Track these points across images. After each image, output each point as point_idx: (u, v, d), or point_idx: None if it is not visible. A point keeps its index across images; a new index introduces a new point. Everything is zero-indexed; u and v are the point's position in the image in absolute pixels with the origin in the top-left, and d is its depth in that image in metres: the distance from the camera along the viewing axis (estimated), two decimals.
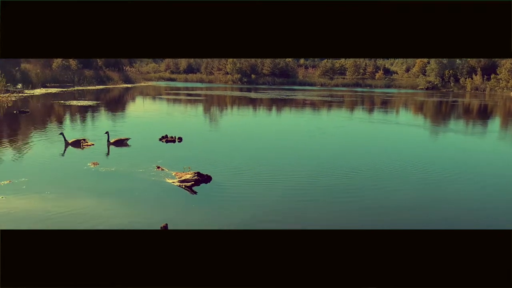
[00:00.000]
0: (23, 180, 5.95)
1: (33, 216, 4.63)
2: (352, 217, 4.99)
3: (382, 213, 5.16)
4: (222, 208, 5.20)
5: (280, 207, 5.26)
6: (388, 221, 4.85)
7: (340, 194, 5.91)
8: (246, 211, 5.07)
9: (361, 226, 4.60)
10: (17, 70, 27.27)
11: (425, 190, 6.25)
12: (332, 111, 20.51)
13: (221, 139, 11.08)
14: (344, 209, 5.25)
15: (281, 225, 4.58)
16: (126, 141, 9.21)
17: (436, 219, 5.00)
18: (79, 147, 8.70)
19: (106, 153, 8.27)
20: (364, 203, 5.52)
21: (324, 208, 5.27)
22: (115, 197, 5.51)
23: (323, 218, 4.91)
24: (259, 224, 4.63)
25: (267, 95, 30.42)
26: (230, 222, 4.70)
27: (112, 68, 40.46)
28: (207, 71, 56.18)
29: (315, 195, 5.79)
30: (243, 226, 4.51)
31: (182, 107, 20.36)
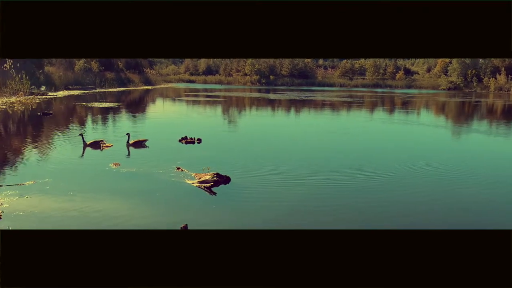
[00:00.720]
0: (46, 180, 6.08)
1: (55, 216, 4.72)
2: (362, 217, 4.93)
3: (387, 213, 5.08)
4: (241, 209, 5.20)
5: (300, 208, 5.23)
6: (396, 222, 4.77)
7: (357, 195, 5.85)
8: (265, 212, 5.06)
9: (364, 226, 4.55)
10: (40, 73, 27.90)
11: (442, 192, 6.13)
12: (352, 112, 20.33)
13: (240, 140, 11.10)
14: (358, 210, 5.19)
15: (301, 226, 4.56)
16: (144, 143, 9.31)
17: (449, 220, 4.91)
18: (98, 148, 8.83)
19: (127, 154, 8.38)
20: (376, 204, 5.45)
21: (343, 210, 5.22)
22: (136, 197, 5.58)
23: (342, 219, 4.87)
24: (278, 225, 4.62)
25: (286, 96, 30.36)
26: (248, 223, 4.71)
27: (133, 70, 41.05)
28: (225, 72, 56.46)
29: (334, 197, 5.74)
30: (262, 227, 4.50)
31: (201, 108, 20.49)
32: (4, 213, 4.66)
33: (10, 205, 4.93)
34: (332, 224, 4.69)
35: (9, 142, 9.68)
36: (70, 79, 31.09)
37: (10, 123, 13.02)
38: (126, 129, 12.11)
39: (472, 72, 46.28)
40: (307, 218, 4.88)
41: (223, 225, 4.62)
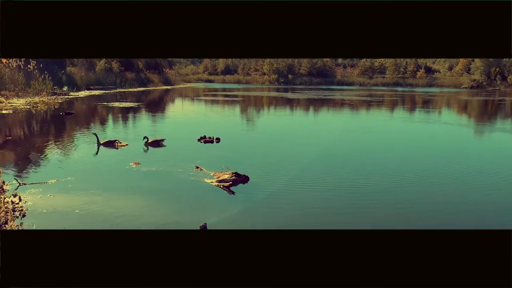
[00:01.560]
0: (69, 179, 6.20)
1: (77, 213, 4.81)
2: (380, 217, 4.87)
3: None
4: (258, 208, 5.20)
5: (319, 208, 5.21)
6: (414, 223, 4.70)
7: (376, 195, 5.78)
8: (283, 212, 5.05)
9: (383, 226, 4.49)
10: (63, 73, 28.46)
11: (457, 192, 6.02)
12: (372, 111, 20.12)
13: (258, 140, 11.11)
14: (374, 210, 5.14)
15: (319, 227, 4.54)
16: (162, 142, 9.38)
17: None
18: (112, 147, 8.95)
19: (146, 153, 8.47)
20: (389, 204, 5.38)
21: (362, 210, 5.17)
22: (156, 196, 5.63)
23: (361, 219, 4.83)
24: (296, 225, 4.61)
25: (304, 95, 30.24)
26: (266, 222, 4.70)
27: (153, 70, 41.50)
28: (244, 72, 56.58)
29: (354, 197, 5.69)
30: (279, 227, 4.49)
31: (220, 108, 20.58)
32: (29, 210, 4.77)
33: (34, 203, 5.04)
34: (351, 225, 4.65)
35: (32, 141, 9.90)
36: (91, 79, 31.63)
37: (33, 122, 13.31)
38: (146, 128, 12.26)
39: (495, 70, 45.22)
40: (326, 219, 4.85)
41: (241, 225, 4.62)
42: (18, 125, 12.56)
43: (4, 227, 4.15)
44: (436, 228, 3.59)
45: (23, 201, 5.02)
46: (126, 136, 10.55)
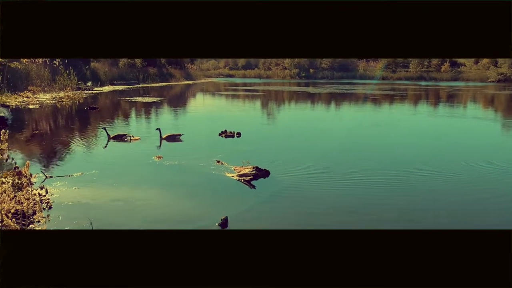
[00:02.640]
0: (93, 172, 6.32)
1: (101, 206, 4.91)
2: (404, 217, 4.81)
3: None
4: (279, 204, 5.20)
5: (340, 206, 5.17)
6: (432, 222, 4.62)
7: (400, 193, 5.71)
8: (303, 208, 5.04)
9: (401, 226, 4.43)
10: (87, 69, 28.98)
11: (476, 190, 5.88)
12: (395, 105, 19.82)
13: (279, 134, 11.09)
14: (394, 210, 5.07)
15: (340, 226, 4.52)
16: (178, 137, 9.44)
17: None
18: (122, 141, 9.09)
19: (169, 147, 8.55)
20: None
21: (385, 209, 5.11)
22: (177, 189, 5.70)
23: (382, 219, 4.77)
24: (316, 224, 4.59)
25: (326, 89, 30.00)
26: (286, 219, 4.70)
27: (174, 65, 41.84)
28: (265, 66, 56.46)
29: (378, 195, 5.63)
30: (300, 225, 4.49)
31: (241, 102, 20.62)
32: (55, 202, 4.89)
33: (60, 195, 5.17)
34: (373, 224, 4.61)
35: (58, 135, 10.14)
36: (114, 75, 32.12)
37: (59, 117, 13.62)
38: (167, 122, 12.40)
39: None
40: (347, 218, 4.81)
41: (262, 220, 4.64)
42: (44, 119, 12.88)
43: (32, 218, 4.27)
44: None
45: (49, 193, 5.15)
46: (148, 130, 10.68)
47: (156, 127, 9.53)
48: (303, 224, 4.47)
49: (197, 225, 4.37)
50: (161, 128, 9.48)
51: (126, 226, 4.27)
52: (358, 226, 4.37)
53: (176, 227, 4.29)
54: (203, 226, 4.34)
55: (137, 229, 4.08)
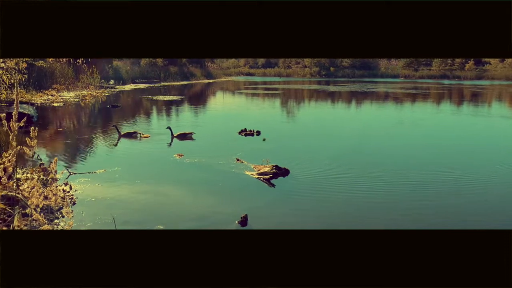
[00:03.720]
0: (116, 169, 6.44)
1: (124, 202, 5.00)
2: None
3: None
4: (299, 203, 5.20)
5: (361, 205, 5.14)
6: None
7: (417, 194, 5.64)
8: (323, 207, 5.03)
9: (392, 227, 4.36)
10: (109, 67, 29.46)
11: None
12: (417, 104, 19.51)
13: (299, 133, 11.06)
14: (411, 210, 5.01)
15: (358, 226, 4.49)
16: (190, 135, 9.48)
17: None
18: (132, 138, 9.22)
19: (189, 145, 8.63)
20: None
21: (404, 210, 5.06)
22: (197, 187, 5.76)
23: (405, 219, 4.73)
24: (335, 224, 4.57)
25: (347, 88, 29.75)
26: (305, 217, 4.70)
27: (195, 64, 42.11)
28: (285, 65, 56.26)
29: (397, 196, 5.57)
30: (319, 225, 4.48)
31: (260, 101, 20.63)
32: (78, 199, 5.00)
33: (83, 192, 5.28)
34: (393, 224, 4.57)
35: (81, 133, 10.35)
36: (136, 73, 32.54)
37: (82, 115, 13.90)
38: (187, 120, 12.51)
39: None
40: (367, 217, 4.78)
41: (281, 218, 4.65)
42: (68, 117, 13.16)
43: (57, 214, 4.39)
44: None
45: (73, 190, 5.27)
46: (176, 128, 10.80)
47: (167, 126, 9.61)
48: (323, 223, 4.46)
49: (217, 223, 4.41)
50: (180, 126, 9.58)
51: (148, 223, 4.34)
52: (376, 227, 4.33)
53: (197, 224, 4.34)
54: (223, 224, 4.38)
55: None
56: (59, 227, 4.09)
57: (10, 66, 7.79)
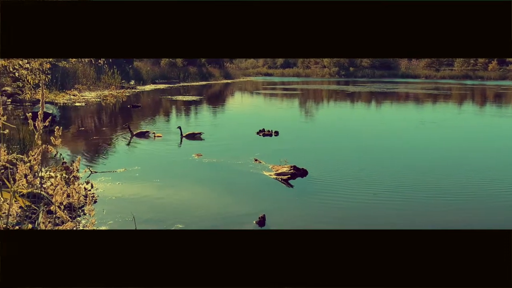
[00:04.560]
0: (136, 168, 6.53)
1: (143, 201, 5.07)
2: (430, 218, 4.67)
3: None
4: (317, 204, 5.18)
5: (378, 207, 5.09)
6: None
7: (446, 197, 5.55)
8: (341, 209, 5.00)
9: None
10: (130, 68, 29.88)
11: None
12: (438, 104, 19.20)
13: (317, 133, 11.02)
14: (427, 211, 4.93)
15: (377, 227, 4.45)
16: (199, 135, 9.52)
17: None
18: (144, 138, 9.34)
19: (208, 145, 8.69)
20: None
21: (423, 210, 5.00)
22: (216, 186, 5.80)
23: (425, 220, 4.67)
24: (353, 224, 4.55)
25: (366, 88, 29.48)
26: (324, 220, 4.68)
27: (214, 64, 42.36)
28: (303, 65, 56.09)
29: (420, 197, 5.50)
30: (337, 226, 4.46)
31: (279, 101, 20.62)
32: (99, 197, 5.10)
33: (104, 190, 5.38)
34: (411, 224, 4.52)
35: (102, 132, 10.53)
36: (156, 74, 32.92)
37: (103, 114, 14.14)
38: (206, 120, 12.60)
39: None
40: (385, 218, 4.74)
41: (298, 219, 4.65)
42: (89, 117, 13.40)
43: (79, 212, 4.48)
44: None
45: (95, 188, 5.37)
46: (187, 127, 10.89)
47: (177, 126, 9.67)
48: (341, 224, 4.43)
49: (235, 222, 4.43)
50: (198, 126, 9.64)
51: (167, 222, 4.39)
52: (390, 227, 4.29)
53: (215, 224, 4.37)
54: (241, 223, 4.40)
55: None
56: (80, 225, 4.18)
57: (35, 67, 7.98)
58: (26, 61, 7.57)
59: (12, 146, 5.72)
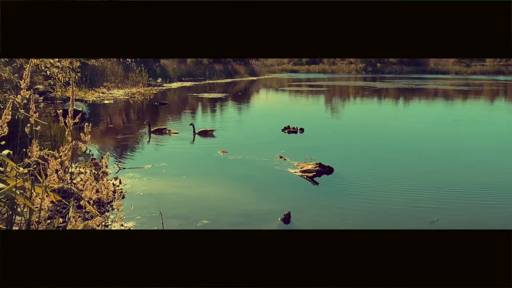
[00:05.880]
0: (162, 164, 6.63)
1: (169, 197, 5.14)
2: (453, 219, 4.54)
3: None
4: (342, 202, 5.13)
5: (404, 207, 5.00)
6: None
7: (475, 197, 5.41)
8: (368, 208, 4.94)
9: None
10: (157, 66, 30.28)
11: None
12: (469, 101, 18.68)
13: (344, 131, 10.91)
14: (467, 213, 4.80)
15: (401, 227, 4.38)
16: (210, 132, 9.54)
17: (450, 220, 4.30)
18: (161, 134, 9.47)
19: (234, 142, 8.72)
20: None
21: (451, 212, 4.88)
22: (241, 183, 5.82)
23: (454, 221, 4.56)
24: (378, 223, 4.49)
25: (394, 84, 28.95)
26: (349, 218, 4.63)
27: (239, 62, 42.46)
28: (330, 61, 55.55)
29: (449, 199, 5.38)
30: (363, 225, 4.42)
31: (304, 98, 20.50)
32: (127, 192, 5.20)
33: (132, 186, 5.48)
34: (440, 226, 4.42)
35: (130, 129, 10.72)
36: (183, 71, 33.25)
37: (131, 112, 14.39)
38: (231, 117, 12.65)
39: None
40: (412, 219, 4.65)
41: (323, 217, 4.62)
42: (117, 114, 13.67)
43: (108, 207, 4.58)
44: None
45: (123, 184, 5.48)
46: (213, 124, 10.96)
47: (190, 123, 9.71)
48: (367, 224, 4.38)
49: (260, 219, 4.44)
50: (223, 122, 9.68)
51: (193, 218, 4.44)
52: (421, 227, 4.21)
53: (240, 220, 4.39)
54: (266, 220, 4.40)
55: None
56: (109, 220, 4.27)
57: (65, 65, 8.19)
58: (57, 59, 7.76)
59: (43, 142, 5.89)
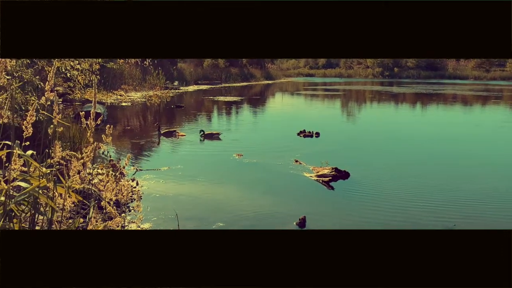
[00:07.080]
0: (179, 166, 6.69)
1: (185, 199, 5.19)
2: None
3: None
4: (358, 207, 5.11)
5: (424, 212, 4.96)
6: None
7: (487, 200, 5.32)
8: (384, 213, 4.90)
9: None
10: (174, 69, 30.56)
11: None
12: (488, 107, 18.37)
13: (360, 135, 10.84)
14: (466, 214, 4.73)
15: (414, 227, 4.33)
16: (217, 135, 9.57)
17: None
18: (171, 137, 9.53)
19: (249, 146, 8.75)
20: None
21: (465, 215, 4.81)
22: (256, 186, 5.84)
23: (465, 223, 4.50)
24: (394, 227, 4.45)
25: (411, 89, 28.66)
26: (365, 222, 4.61)
27: (255, 65, 42.57)
28: (346, 65, 55.27)
29: (462, 203, 5.31)
30: (376, 226, 4.39)
31: (320, 102, 20.44)
32: (144, 194, 5.26)
33: (149, 188, 5.54)
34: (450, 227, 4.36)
35: (147, 131, 10.84)
36: (199, 75, 33.49)
37: (148, 114, 14.55)
38: (246, 120, 12.69)
39: None
40: (427, 221, 4.60)
41: (340, 221, 4.60)
42: (135, 116, 13.84)
43: (125, 208, 4.64)
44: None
45: (140, 185, 5.55)
46: (228, 127, 11.00)
47: (200, 129, 9.72)
48: (383, 228, 4.35)
49: (275, 223, 4.45)
50: (238, 125, 9.72)
51: (208, 220, 4.47)
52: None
53: (255, 224, 4.41)
54: (281, 224, 4.41)
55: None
56: (127, 220, 4.33)
57: (85, 68, 8.33)
58: (77, 62, 7.90)
59: (63, 143, 6.01)
